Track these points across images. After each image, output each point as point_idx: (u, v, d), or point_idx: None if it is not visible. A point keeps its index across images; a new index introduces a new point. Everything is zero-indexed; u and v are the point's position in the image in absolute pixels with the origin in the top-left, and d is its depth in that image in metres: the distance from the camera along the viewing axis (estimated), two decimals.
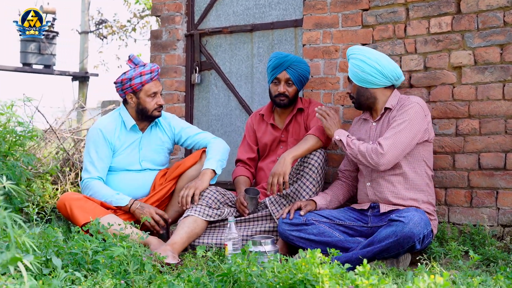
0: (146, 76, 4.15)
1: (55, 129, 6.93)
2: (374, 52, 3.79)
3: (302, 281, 2.38)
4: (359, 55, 3.78)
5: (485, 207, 3.88)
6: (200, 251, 3.01)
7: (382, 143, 3.58)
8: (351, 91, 3.89)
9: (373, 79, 3.75)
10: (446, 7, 4.03)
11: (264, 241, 3.50)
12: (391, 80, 3.78)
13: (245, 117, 5.08)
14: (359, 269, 2.20)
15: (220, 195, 4.09)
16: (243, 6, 5.09)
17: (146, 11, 15.12)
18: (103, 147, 4.21)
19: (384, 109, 3.81)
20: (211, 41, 5.27)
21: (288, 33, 4.85)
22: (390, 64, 3.77)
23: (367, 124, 3.93)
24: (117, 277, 2.82)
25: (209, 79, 5.28)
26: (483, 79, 3.90)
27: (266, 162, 4.38)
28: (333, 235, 3.69)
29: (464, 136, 3.97)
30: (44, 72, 13.42)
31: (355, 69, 3.78)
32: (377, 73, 3.73)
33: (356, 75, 3.78)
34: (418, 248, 3.46)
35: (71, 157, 6.68)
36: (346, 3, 4.43)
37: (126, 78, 4.15)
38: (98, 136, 4.23)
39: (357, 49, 3.84)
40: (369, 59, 3.74)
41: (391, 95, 3.82)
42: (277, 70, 4.20)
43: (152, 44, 5.45)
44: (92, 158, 4.19)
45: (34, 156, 5.54)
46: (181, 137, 4.41)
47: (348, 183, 4.08)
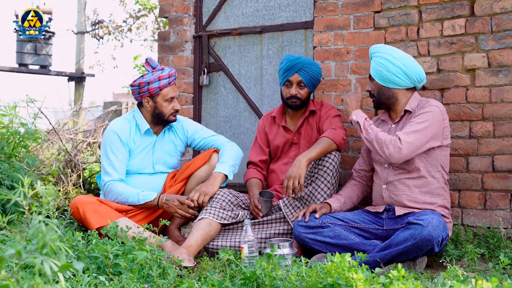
0: (165, 80, 4.13)
1: (58, 130, 6.90)
2: (400, 52, 3.77)
3: (332, 285, 2.37)
4: (385, 53, 3.75)
5: (499, 210, 3.89)
6: (222, 254, 2.99)
7: (401, 138, 3.55)
8: (371, 89, 3.87)
9: (397, 80, 3.73)
10: (459, 9, 4.03)
11: (282, 244, 3.50)
12: (414, 82, 3.77)
13: (254, 119, 5.08)
14: (393, 273, 2.19)
15: (234, 198, 4.08)
16: (252, 8, 5.08)
17: (142, 12, 15.08)
18: (121, 148, 4.19)
19: (404, 111, 3.80)
20: (220, 43, 5.25)
21: (298, 35, 4.84)
22: (415, 66, 3.76)
23: (385, 125, 3.92)
24: (141, 281, 2.81)
25: (218, 80, 5.27)
26: (497, 81, 3.90)
27: (278, 164, 4.37)
28: (349, 238, 3.68)
29: (477, 138, 3.97)
30: (40, 73, 13.39)
31: (379, 67, 3.75)
32: (401, 73, 3.72)
33: (380, 74, 3.76)
34: (436, 251, 3.46)
35: (73, 158, 6.66)
36: (358, 5, 4.43)
37: (144, 82, 4.13)
38: (114, 138, 4.21)
39: (383, 47, 3.81)
40: (395, 58, 3.72)
41: (412, 97, 3.81)
42: (289, 72, 4.19)
43: (160, 45, 5.44)
44: (111, 161, 4.17)
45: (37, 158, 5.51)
46: (194, 139, 4.40)
47: (362, 183, 4.07)
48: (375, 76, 3.79)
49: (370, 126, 3.68)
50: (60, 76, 13.71)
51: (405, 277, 2.14)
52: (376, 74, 3.78)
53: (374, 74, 3.80)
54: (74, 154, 6.79)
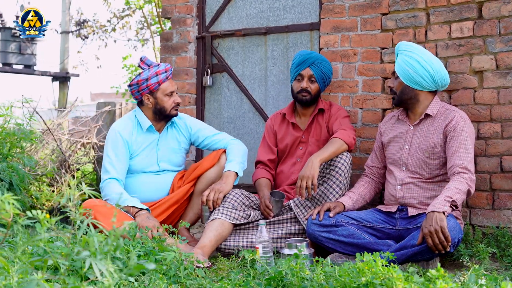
0: (162, 75, 4.17)
1: (53, 130, 6.86)
2: (430, 54, 3.79)
3: (366, 285, 2.40)
4: (415, 54, 3.76)
5: (508, 209, 3.95)
6: (247, 255, 3.01)
7: (468, 168, 3.57)
8: (393, 85, 3.89)
9: (422, 82, 3.75)
10: (467, 12, 4.09)
11: (300, 244, 3.52)
12: (438, 86, 3.81)
13: (259, 120, 5.09)
14: (432, 272, 2.23)
15: (245, 198, 4.10)
16: (256, 9, 5.10)
17: (126, 11, 15.00)
18: (122, 148, 4.20)
19: (425, 115, 3.83)
20: (223, 44, 5.27)
21: (304, 37, 4.87)
22: (442, 70, 3.79)
23: (403, 125, 3.94)
24: (169, 281, 2.81)
25: (221, 81, 5.28)
26: (505, 83, 3.96)
27: (287, 164, 4.39)
28: (362, 237, 3.72)
29: (486, 139, 4.03)
30: (25, 72, 13.26)
31: (406, 67, 3.76)
32: (428, 76, 3.74)
33: (406, 74, 3.77)
34: (451, 252, 3.50)
35: (67, 159, 6.63)
36: (365, 7, 4.47)
37: (142, 79, 4.15)
38: (116, 138, 4.22)
39: (414, 46, 3.82)
40: (425, 61, 3.74)
41: (433, 101, 3.84)
42: (301, 66, 4.22)
43: (163, 46, 5.44)
44: (111, 159, 4.17)
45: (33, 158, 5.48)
46: (198, 137, 4.41)
47: (375, 180, 4.10)
48: (401, 74, 3.80)
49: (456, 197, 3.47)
50: (45, 76, 13.58)
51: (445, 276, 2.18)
52: (402, 72, 3.79)
53: (400, 72, 3.81)
54: (68, 155, 6.75)
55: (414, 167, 3.81)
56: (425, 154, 3.77)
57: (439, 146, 3.74)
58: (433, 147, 3.75)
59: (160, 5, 11.55)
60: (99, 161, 6.65)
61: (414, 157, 3.80)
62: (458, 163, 3.58)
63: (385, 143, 4.01)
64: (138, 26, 14.97)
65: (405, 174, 3.83)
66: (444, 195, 3.45)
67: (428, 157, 3.76)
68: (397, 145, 3.92)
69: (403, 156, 3.86)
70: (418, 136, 3.83)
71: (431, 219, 3.36)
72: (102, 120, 7.13)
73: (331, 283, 2.62)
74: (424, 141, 3.79)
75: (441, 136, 3.75)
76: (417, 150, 3.80)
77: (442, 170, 3.76)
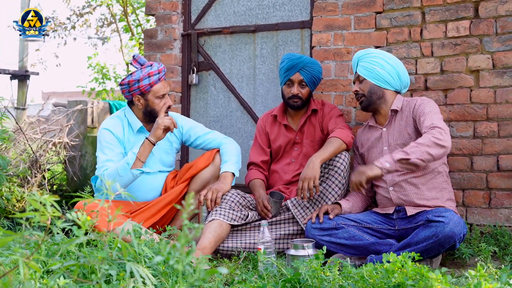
0: (154, 77, 4.03)
1: (24, 129, 6.67)
2: (391, 55, 3.91)
3: (398, 285, 2.36)
4: (380, 54, 3.87)
5: (504, 208, 3.96)
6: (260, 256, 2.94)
7: (437, 125, 3.58)
8: (360, 89, 3.91)
9: (390, 80, 3.84)
10: (464, 11, 4.10)
11: (306, 244, 3.47)
12: (401, 85, 3.91)
13: (247, 118, 5.02)
14: (471, 272, 2.20)
15: (242, 198, 4.03)
16: (244, 7, 5.02)
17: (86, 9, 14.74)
18: (117, 144, 4.07)
19: (391, 111, 3.85)
20: (210, 41, 5.17)
21: (294, 35, 4.82)
22: (405, 70, 3.92)
23: (376, 131, 3.97)
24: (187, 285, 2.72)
25: (207, 79, 5.19)
26: (501, 82, 3.98)
27: (280, 164, 4.33)
28: (363, 238, 3.69)
29: (482, 138, 4.04)
30: None
31: (374, 66, 3.83)
32: (395, 74, 3.84)
33: (375, 72, 3.84)
34: (457, 248, 3.49)
35: (39, 158, 6.45)
36: (359, 5, 4.44)
37: (134, 80, 4.01)
38: (109, 136, 4.08)
39: (372, 50, 3.93)
40: (390, 59, 3.86)
41: (396, 98, 3.90)
42: (290, 71, 4.17)
43: (146, 43, 5.31)
44: (107, 155, 4.01)
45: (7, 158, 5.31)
46: (189, 136, 4.31)
47: (363, 194, 4.08)
48: (368, 75, 3.87)
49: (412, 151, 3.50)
50: (3, 74, 13.21)
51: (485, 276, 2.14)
52: (369, 73, 3.86)
53: (367, 74, 3.87)
54: (39, 155, 6.57)
55: None
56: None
57: (414, 135, 3.78)
58: (409, 138, 3.79)
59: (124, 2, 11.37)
60: (70, 161, 6.50)
61: None
62: (427, 124, 3.63)
63: (365, 154, 4.03)
64: (98, 24, 14.73)
65: (393, 174, 3.81)
66: (398, 150, 3.55)
67: None
68: (376, 150, 3.93)
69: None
70: (392, 135, 3.87)
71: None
72: (74, 119, 6.95)
73: (353, 284, 2.57)
74: (399, 137, 3.83)
75: (412, 124, 3.80)
76: (396, 147, 3.81)
77: None
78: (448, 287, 2.15)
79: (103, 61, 30.36)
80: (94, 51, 13.49)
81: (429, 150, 3.49)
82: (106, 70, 11.54)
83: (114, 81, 11.58)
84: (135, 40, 11.32)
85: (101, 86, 11.49)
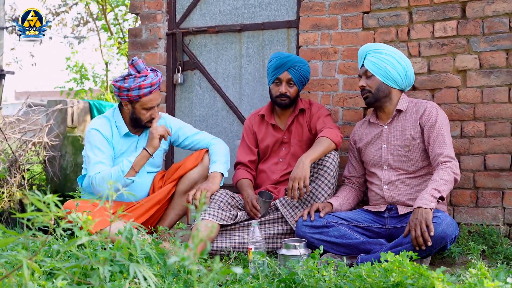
0: (145, 89, 3.93)
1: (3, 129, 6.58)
2: (402, 53, 3.84)
3: (397, 284, 2.36)
4: (391, 52, 3.80)
5: (491, 207, 3.99)
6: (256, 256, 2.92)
7: (450, 155, 3.59)
8: (367, 85, 3.84)
9: (398, 78, 3.79)
10: (451, 11, 4.12)
11: (298, 244, 3.46)
12: (407, 84, 3.86)
13: (233, 118, 5.00)
14: (471, 271, 2.20)
15: (231, 198, 4.01)
16: (230, 6, 5.00)
17: (62, 8, 14.61)
18: (106, 145, 4.00)
19: (396, 110, 3.84)
20: (195, 41, 5.15)
21: (280, 34, 4.81)
22: (413, 71, 3.86)
23: (376, 128, 3.94)
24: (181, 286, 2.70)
25: (193, 79, 5.16)
26: (488, 82, 4.01)
27: (268, 164, 4.32)
28: (354, 237, 3.69)
29: (469, 138, 4.07)
30: None
31: (384, 63, 3.77)
32: (403, 72, 3.79)
33: (384, 70, 3.78)
34: (447, 248, 3.51)
35: (18, 158, 6.37)
36: (346, 5, 4.44)
37: (124, 87, 3.92)
38: (98, 136, 4.01)
39: (382, 45, 3.85)
40: (400, 58, 3.80)
41: (401, 98, 3.87)
42: (279, 70, 4.15)
43: (131, 42, 5.27)
44: (97, 156, 3.95)
45: None
46: (178, 136, 4.28)
47: (355, 189, 4.08)
48: (377, 72, 3.80)
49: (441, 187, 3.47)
50: None
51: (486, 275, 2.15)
52: (379, 70, 3.80)
53: (376, 70, 3.80)
54: (18, 155, 6.49)
55: (396, 164, 3.80)
56: (405, 149, 3.78)
57: (418, 139, 3.76)
58: (411, 140, 3.77)
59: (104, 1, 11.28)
60: (50, 161, 6.43)
61: (395, 154, 3.80)
62: (439, 152, 3.61)
63: (362, 148, 4.00)
64: (74, 23, 14.61)
65: (389, 172, 3.82)
66: (431, 187, 3.46)
67: (408, 151, 3.77)
68: (374, 147, 3.92)
69: (383, 155, 3.85)
70: (393, 134, 3.85)
71: (417, 213, 3.36)
72: (53, 119, 6.87)
73: (349, 284, 2.57)
74: (401, 137, 3.81)
75: (418, 129, 3.77)
76: (396, 147, 3.81)
77: (424, 162, 3.76)
78: (450, 285, 2.14)
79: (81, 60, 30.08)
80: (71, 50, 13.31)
81: (451, 187, 3.53)
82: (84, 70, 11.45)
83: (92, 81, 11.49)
84: (114, 40, 11.24)
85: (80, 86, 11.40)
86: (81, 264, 1.85)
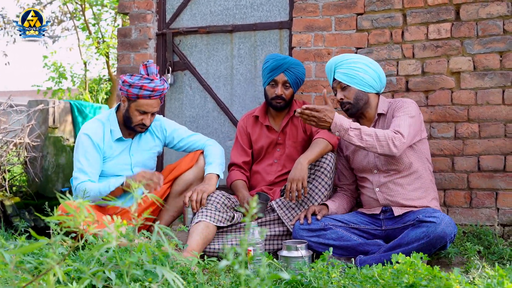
0: (146, 92, 3.91)
1: None
2: (369, 58, 3.86)
3: (411, 285, 2.36)
4: (359, 59, 3.80)
5: (485, 208, 4.03)
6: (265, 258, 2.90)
7: (401, 132, 3.57)
8: (345, 97, 3.83)
9: (373, 82, 3.79)
10: (445, 14, 4.15)
11: (300, 246, 3.45)
12: (381, 86, 3.87)
13: (224, 119, 4.98)
14: (488, 272, 2.21)
15: (227, 199, 3.99)
16: (221, 7, 4.98)
17: (36, 6, 14.43)
18: (93, 152, 3.97)
19: (378, 115, 3.85)
20: (185, 41, 5.11)
21: (273, 35, 4.80)
22: (382, 70, 3.88)
23: None
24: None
25: (183, 79, 5.13)
26: (482, 84, 4.05)
27: (263, 165, 4.30)
28: (351, 239, 3.69)
29: (463, 139, 4.10)
30: None
31: (356, 72, 3.77)
32: (377, 76, 3.80)
33: (359, 78, 3.77)
34: (447, 248, 3.53)
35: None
36: (340, 6, 4.45)
37: (128, 82, 3.93)
38: (87, 142, 3.98)
39: (349, 55, 3.85)
40: (371, 63, 3.81)
41: (380, 101, 3.88)
42: (275, 72, 4.14)
43: (120, 42, 5.21)
44: (82, 164, 3.94)
45: None
46: (173, 139, 4.25)
47: (348, 195, 4.09)
48: (351, 81, 3.79)
49: (366, 136, 3.53)
50: None
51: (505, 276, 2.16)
52: (353, 79, 3.79)
53: (350, 80, 3.79)
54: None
55: (384, 166, 3.81)
56: None
57: None
58: None
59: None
60: (31, 162, 6.35)
61: (381, 157, 3.80)
62: (393, 124, 3.63)
63: (350, 156, 4.01)
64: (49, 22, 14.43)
65: (379, 175, 3.83)
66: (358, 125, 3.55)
67: None
68: (361, 153, 3.93)
69: (370, 160, 3.86)
70: None
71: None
72: (35, 119, 6.78)
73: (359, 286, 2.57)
74: None
75: None
76: None
77: (411, 157, 3.74)
78: (468, 287, 2.15)
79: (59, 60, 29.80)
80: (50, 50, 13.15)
81: (378, 148, 3.52)
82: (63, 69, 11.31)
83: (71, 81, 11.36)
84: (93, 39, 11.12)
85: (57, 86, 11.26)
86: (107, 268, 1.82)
